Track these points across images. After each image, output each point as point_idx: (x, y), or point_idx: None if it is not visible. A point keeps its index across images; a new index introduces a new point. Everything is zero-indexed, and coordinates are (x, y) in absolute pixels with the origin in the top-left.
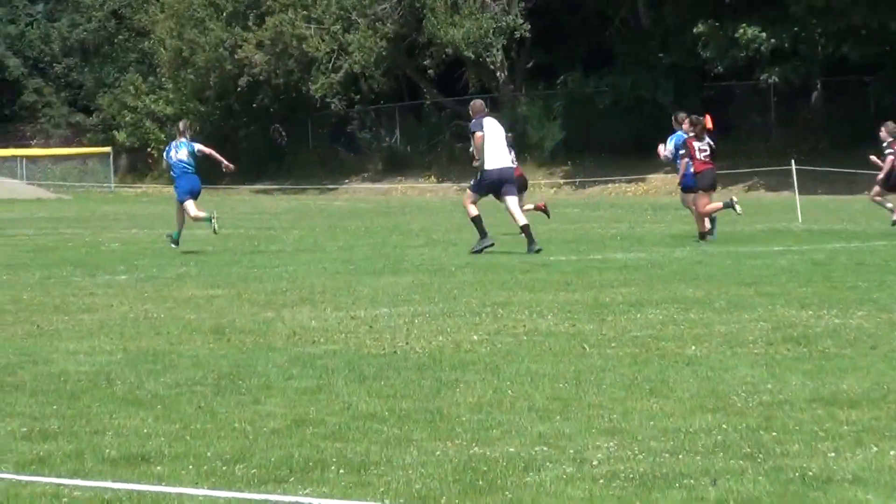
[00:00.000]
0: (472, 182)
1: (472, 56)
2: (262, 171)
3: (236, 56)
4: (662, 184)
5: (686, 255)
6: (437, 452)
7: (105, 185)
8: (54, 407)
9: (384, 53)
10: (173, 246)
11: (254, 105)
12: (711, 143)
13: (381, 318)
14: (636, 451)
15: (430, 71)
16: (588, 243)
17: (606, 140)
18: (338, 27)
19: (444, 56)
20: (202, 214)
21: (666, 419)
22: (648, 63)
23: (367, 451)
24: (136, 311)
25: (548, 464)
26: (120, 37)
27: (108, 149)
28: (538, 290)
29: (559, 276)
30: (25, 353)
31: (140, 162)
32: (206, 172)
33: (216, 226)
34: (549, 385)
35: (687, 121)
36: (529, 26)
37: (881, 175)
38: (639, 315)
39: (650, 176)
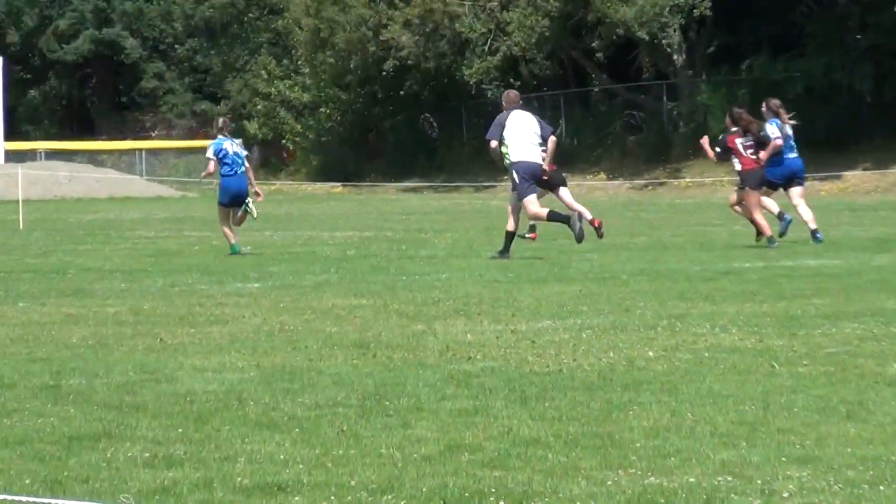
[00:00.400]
0: (516, 189)
1: (646, 37)
2: (410, 166)
3: (381, 37)
4: (861, 182)
5: (887, 262)
6: (608, 483)
7: None
8: (180, 430)
9: (547, 34)
10: (243, 250)
11: (401, 92)
12: (767, 135)
13: (544, 331)
14: (831, 482)
15: (599, 54)
16: (777, 249)
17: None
18: (495, 4)
19: (614, 37)
20: (231, 235)
21: (865, 446)
22: (844, 45)
23: (530, 480)
24: (271, 323)
25: (732, 496)
26: (250, 15)
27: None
28: (720, 300)
29: (744, 286)
30: (147, 370)
31: (273, 155)
32: (352, 166)
33: (241, 250)
34: (734, 407)
35: (728, 116)
36: (710, 4)
37: None
38: (834, 329)
39: (847, 173)
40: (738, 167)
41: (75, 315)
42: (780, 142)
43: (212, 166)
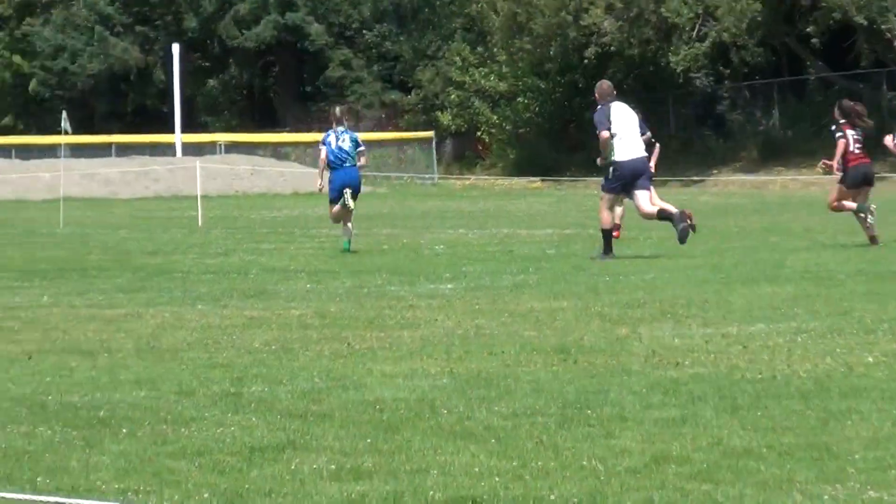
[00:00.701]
0: (603, 180)
1: (865, 22)
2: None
3: (582, 22)
4: None
5: None
6: (825, 497)
7: (427, 176)
8: (368, 441)
9: (759, 19)
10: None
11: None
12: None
13: (756, 335)
14: None
15: (815, 40)
16: None
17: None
18: None
19: (830, 22)
20: (349, 227)
21: None
22: None
23: (741, 494)
24: (465, 326)
25: None
26: None
27: (429, 133)
28: None
29: None
30: (334, 377)
31: (468, 148)
32: (551, 159)
33: (348, 247)
34: None
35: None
36: None
37: None
38: None
39: None
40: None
41: (257, 318)
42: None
43: (322, 154)
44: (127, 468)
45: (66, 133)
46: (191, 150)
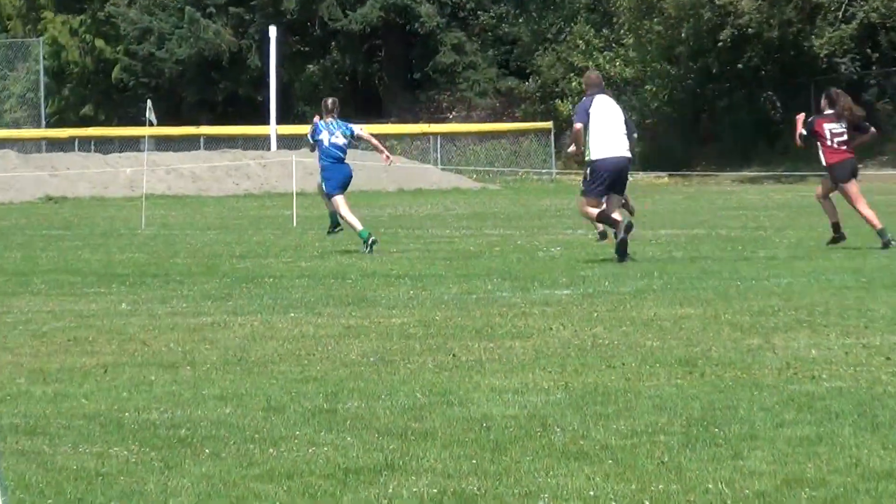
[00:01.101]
0: (581, 181)
1: None
2: (749, 153)
3: (717, 1)
4: None
5: None
6: None
7: (544, 171)
8: (473, 461)
9: None
10: (366, 251)
11: (739, 66)
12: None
13: None
14: None
15: None
16: None
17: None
18: None
19: None
20: (355, 222)
21: None
22: None
23: None
24: (582, 336)
25: None
26: None
27: (548, 124)
28: None
29: None
30: (437, 392)
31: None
32: (681, 152)
33: (371, 248)
34: None
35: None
36: None
37: None
38: None
39: None
40: (821, 157)
41: (355, 327)
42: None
43: (313, 147)
44: (209, 492)
45: (151, 124)
46: (287, 142)
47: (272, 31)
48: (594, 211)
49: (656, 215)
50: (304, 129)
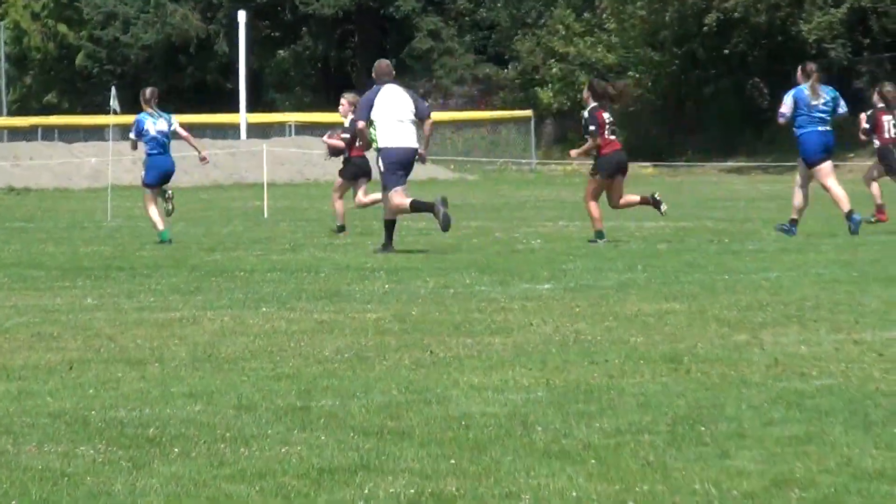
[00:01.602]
0: (380, 177)
1: None
2: (734, 142)
3: None
4: None
5: None
6: None
7: (524, 161)
8: (452, 462)
9: None
10: (163, 242)
11: (725, 52)
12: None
13: (894, 342)
14: None
15: None
16: None
17: None
18: None
19: None
20: (158, 221)
21: None
22: None
23: None
24: (564, 332)
25: None
26: None
27: (527, 112)
28: None
29: None
30: (414, 389)
31: (571, 129)
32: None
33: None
34: None
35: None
36: None
37: None
38: None
39: None
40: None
41: (329, 322)
42: (781, 119)
43: (135, 145)
44: (179, 493)
45: (116, 113)
46: (257, 131)
47: (241, 15)
48: (406, 202)
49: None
50: (274, 117)
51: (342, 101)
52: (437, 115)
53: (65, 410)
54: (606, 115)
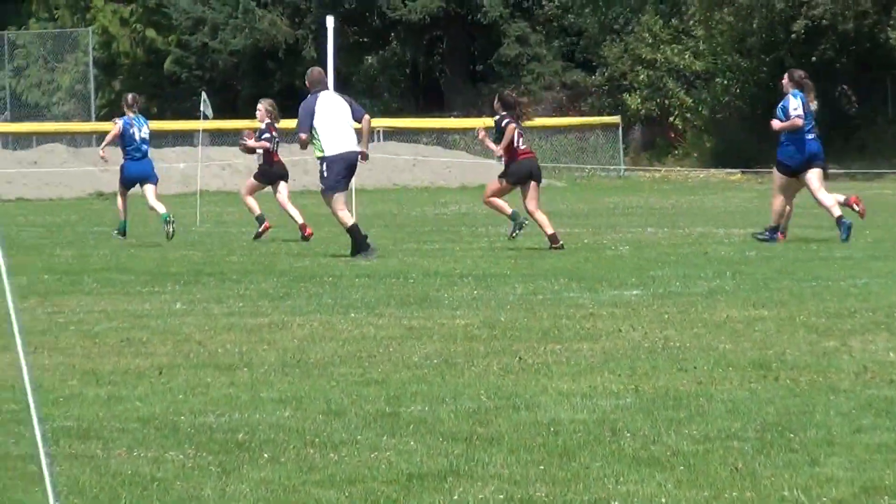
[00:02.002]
0: (320, 182)
1: None
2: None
3: None
4: None
5: None
6: None
7: (612, 167)
8: (541, 467)
9: None
10: (119, 237)
11: (812, 59)
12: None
13: None
14: None
15: None
16: None
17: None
18: None
19: None
20: (121, 213)
21: None
22: None
23: None
24: (653, 338)
25: None
26: None
27: (615, 118)
28: None
29: None
30: (503, 395)
31: (659, 136)
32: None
33: (170, 229)
34: None
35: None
36: None
37: None
38: None
39: None
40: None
41: (417, 328)
42: (800, 121)
43: (110, 138)
44: (268, 498)
45: (206, 118)
46: None
47: (329, 20)
48: (349, 221)
49: (729, 213)
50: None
51: (259, 106)
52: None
53: (154, 415)
54: (514, 126)
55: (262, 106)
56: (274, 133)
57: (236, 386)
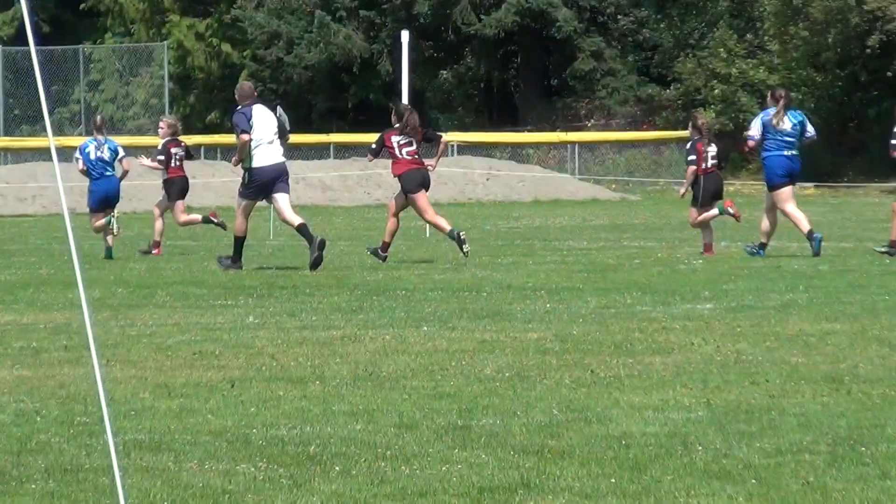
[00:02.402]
0: (240, 187)
1: None
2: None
3: (865, 6)
4: None
5: None
6: None
7: (686, 181)
8: (612, 480)
9: None
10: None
11: (888, 73)
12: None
13: None
14: None
15: None
16: None
17: None
18: None
19: None
20: (102, 224)
21: None
22: None
23: None
24: (725, 352)
25: None
26: None
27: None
28: None
29: None
30: (574, 408)
31: (733, 150)
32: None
33: (115, 228)
34: None
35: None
36: None
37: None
38: None
39: None
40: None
41: (490, 342)
42: (751, 142)
43: (80, 164)
44: None
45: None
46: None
47: (404, 35)
48: (241, 226)
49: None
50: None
51: (161, 123)
52: (599, 135)
53: (226, 428)
54: (397, 137)
55: (165, 122)
56: (174, 149)
57: (308, 399)
